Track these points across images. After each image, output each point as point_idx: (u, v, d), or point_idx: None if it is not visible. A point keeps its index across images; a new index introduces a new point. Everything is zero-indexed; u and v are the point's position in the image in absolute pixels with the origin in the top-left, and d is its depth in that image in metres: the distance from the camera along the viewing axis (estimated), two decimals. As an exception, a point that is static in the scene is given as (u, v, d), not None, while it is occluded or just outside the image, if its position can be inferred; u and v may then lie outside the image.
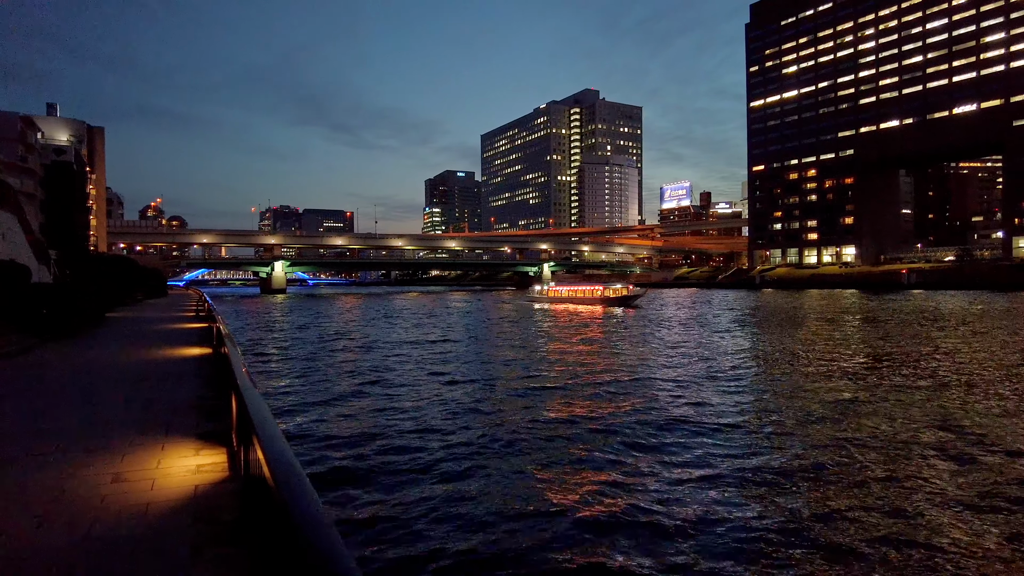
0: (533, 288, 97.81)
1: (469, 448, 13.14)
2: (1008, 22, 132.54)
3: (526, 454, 12.71)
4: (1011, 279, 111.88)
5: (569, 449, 13.01)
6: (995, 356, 26.81)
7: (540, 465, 11.97)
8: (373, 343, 35.13)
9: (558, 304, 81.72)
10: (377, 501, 10.05)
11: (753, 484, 10.89)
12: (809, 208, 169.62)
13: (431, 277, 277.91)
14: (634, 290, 79.52)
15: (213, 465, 5.61)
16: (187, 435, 6.67)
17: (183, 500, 4.65)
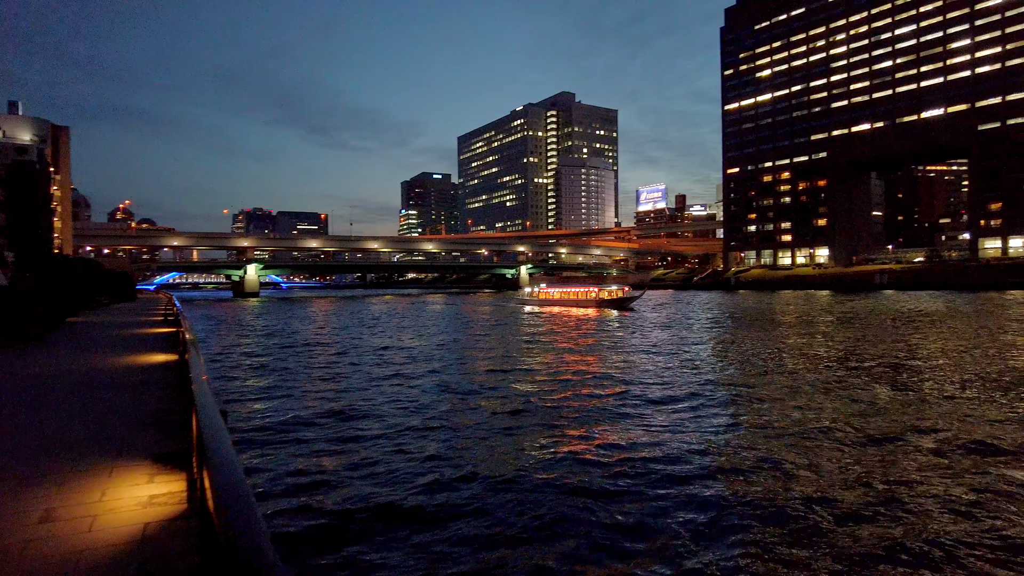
0: (523, 290, 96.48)
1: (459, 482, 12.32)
2: (973, 29, 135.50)
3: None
4: (978, 279, 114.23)
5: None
6: (965, 353, 26.79)
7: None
8: (353, 350, 34.11)
9: (549, 307, 79.63)
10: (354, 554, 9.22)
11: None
12: (783, 210, 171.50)
13: (407, 280, 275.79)
14: (629, 292, 77.60)
15: (169, 496, 4.74)
16: (141, 457, 5.77)
17: (128, 545, 3.79)
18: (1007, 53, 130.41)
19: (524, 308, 77.42)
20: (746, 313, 60.17)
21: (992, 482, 10.75)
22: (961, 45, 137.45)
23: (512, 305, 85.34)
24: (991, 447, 12.77)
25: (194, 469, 5.01)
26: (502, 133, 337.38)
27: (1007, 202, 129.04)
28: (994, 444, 12.96)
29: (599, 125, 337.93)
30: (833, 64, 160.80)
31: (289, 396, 19.17)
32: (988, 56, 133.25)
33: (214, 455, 3.00)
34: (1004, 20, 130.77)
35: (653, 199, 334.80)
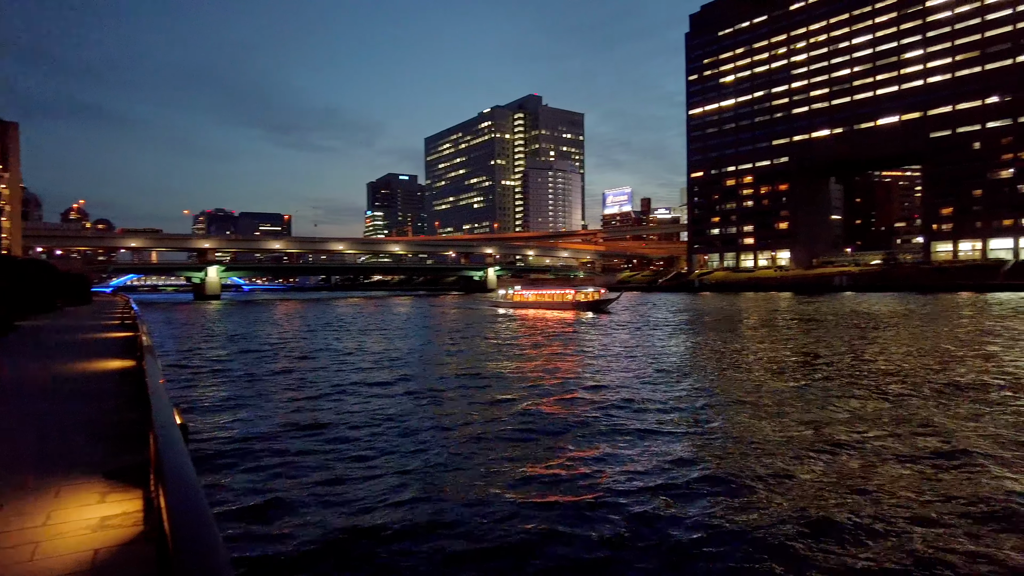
0: (496, 293, 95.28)
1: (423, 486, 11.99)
2: (925, 40, 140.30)
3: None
4: (931, 281, 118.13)
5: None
6: (919, 351, 27.50)
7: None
8: (319, 355, 33.39)
9: (523, 309, 78.45)
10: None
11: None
12: (745, 214, 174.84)
13: (373, 282, 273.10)
14: (605, 294, 76.23)
15: (123, 517, 4.33)
16: (93, 474, 5.32)
17: (76, 574, 3.42)
18: (957, 64, 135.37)
19: (498, 311, 75.80)
20: (712, 315, 60.93)
21: (946, 474, 10.91)
22: (914, 55, 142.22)
23: (484, 308, 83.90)
24: (944, 442, 12.99)
25: (151, 487, 4.65)
26: (469, 135, 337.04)
27: (957, 208, 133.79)
28: (943, 439, 13.19)
29: (566, 128, 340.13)
30: (794, 71, 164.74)
31: (251, 406, 18.49)
32: (939, 66, 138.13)
33: (170, 472, 2.80)
34: (954, 32, 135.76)
35: (619, 202, 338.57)
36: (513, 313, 70.45)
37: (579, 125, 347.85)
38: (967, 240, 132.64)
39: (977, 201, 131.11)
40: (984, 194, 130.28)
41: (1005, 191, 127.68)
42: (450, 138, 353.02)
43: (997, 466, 11.66)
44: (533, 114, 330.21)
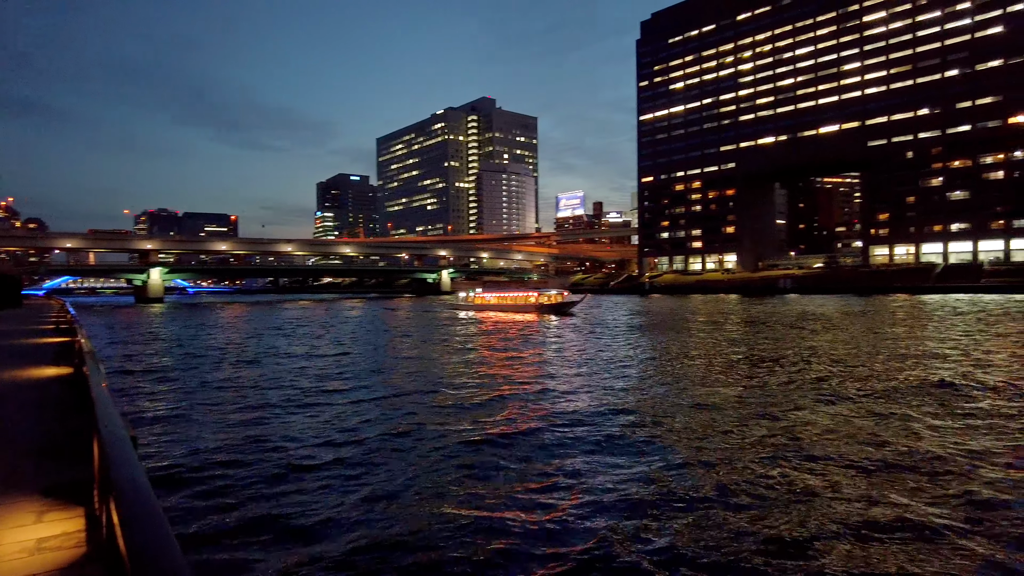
0: (457, 295, 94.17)
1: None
2: (863, 53, 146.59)
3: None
4: (869, 284, 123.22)
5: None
6: (857, 349, 28.59)
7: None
8: (268, 360, 32.47)
9: (486, 312, 77.76)
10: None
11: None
12: (694, 218, 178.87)
13: (323, 284, 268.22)
14: (569, 296, 75.57)
15: (64, 537, 4.00)
16: (27, 491, 4.91)
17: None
18: (891, 77, 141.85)
19: (459, 314, 74.65)
20: (663, 317, 61.93)
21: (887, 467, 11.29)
22: (853, 67, 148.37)
23: (444, 311, 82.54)
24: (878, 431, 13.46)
25: (95, 503, 4.31)
26: (423, 136, 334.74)
27: (893, 214, 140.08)
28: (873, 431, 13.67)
29: (519, 131, 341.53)
30: (741, 80, 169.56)
31: (197, 417, 17.64)
32: (875, 79, 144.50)
33: (126, 487, 2.56)
34: (888, 47, 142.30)
35: (572, 206, 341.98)
36: (475, 316, 69.55)
37: (532, 128, 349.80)
38: (902, 244, 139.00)
39: (911, 207, 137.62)
40: (917, 201, 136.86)
41: (935, 199, 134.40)
42: (403, 139, 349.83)
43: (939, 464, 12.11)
44: (486, 117, 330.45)
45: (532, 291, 78.14)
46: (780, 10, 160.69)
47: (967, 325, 43.55)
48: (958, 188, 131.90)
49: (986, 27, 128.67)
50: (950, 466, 11.81)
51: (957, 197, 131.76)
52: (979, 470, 11.56)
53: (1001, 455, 12.50)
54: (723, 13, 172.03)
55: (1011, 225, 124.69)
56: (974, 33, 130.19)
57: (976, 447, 13.06)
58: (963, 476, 11.24)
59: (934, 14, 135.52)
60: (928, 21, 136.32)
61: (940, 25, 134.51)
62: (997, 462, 12.03)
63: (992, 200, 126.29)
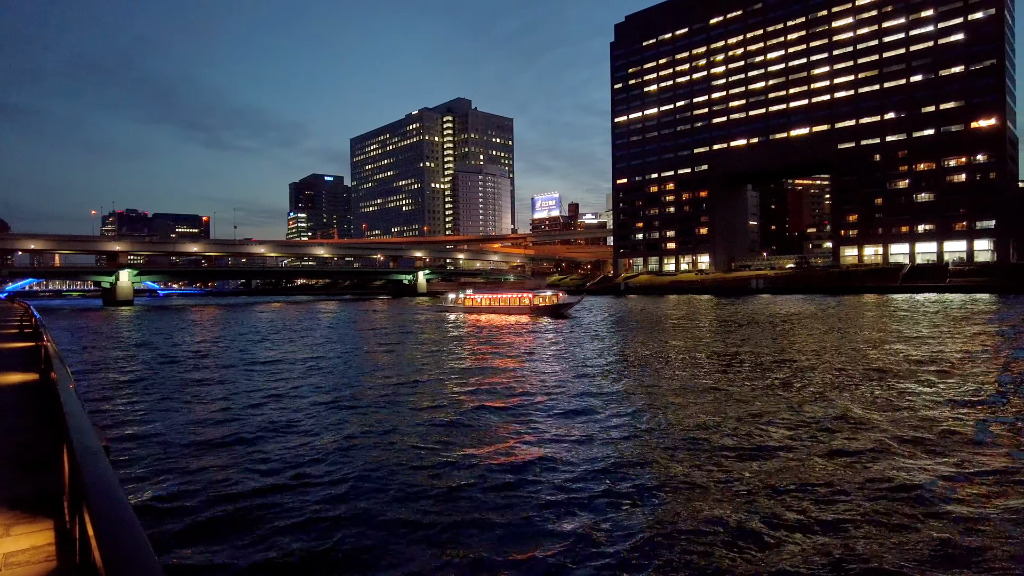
0: (447, 296, 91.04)
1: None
2: (831, 58, 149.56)
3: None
4: (839, 284, 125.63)
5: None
6: (826, 347, 29.14)
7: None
8: (242, 365, 31.92)
9: (476, 314, 74.69)
10: None
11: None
12: (668, 219, 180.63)
13: (296, 286, 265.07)
14: (564, 298, 72.75)
15: (32, 551, 3.81)
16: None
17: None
18: (859, 81, 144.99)
19: (448, 316, 71.86)
20: (640, 317, 62.29)
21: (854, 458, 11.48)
22: (822, 72, 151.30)
23: (431, 313, 79.95)
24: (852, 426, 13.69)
25: (66, 516, 4.14)
26: (397, 136, 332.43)
27: (861, 215, 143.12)
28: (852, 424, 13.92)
29: (495, 133, 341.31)
30: (713, 83, 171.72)
31: (169, 424, 17.28)
32: (844, 83, 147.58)
33: (100, 497, 2.44)
34: (856, 52, 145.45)
35: (548, 207, 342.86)
36: (465, 319, 66.92)
37: (508, 130, 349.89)
38: (871, 245, 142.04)
39: (879, 209, 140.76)
40: (884, 203, 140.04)
41: (902, 200, 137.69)
42: (377, 139, 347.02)
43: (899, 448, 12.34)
44: (462, 117, 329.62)
45: (527, 292, 75.42)
46: (751, 15, 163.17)
47: (935, 324, 44.57)
48: (923, 190, 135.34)
49: (948, 34, 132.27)
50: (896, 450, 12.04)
51: (923, 199, 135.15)
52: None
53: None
54: (696, 17, 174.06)
55: (973, 226, 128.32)
56: (937, 40, 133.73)
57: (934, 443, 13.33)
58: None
59: (899, 21, 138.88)
60: (893, 28, 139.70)
61: (905, 32, 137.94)
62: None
63: (955, 202, 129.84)
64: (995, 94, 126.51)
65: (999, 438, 13.87)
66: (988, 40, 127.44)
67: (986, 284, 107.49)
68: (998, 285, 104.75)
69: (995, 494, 10.38)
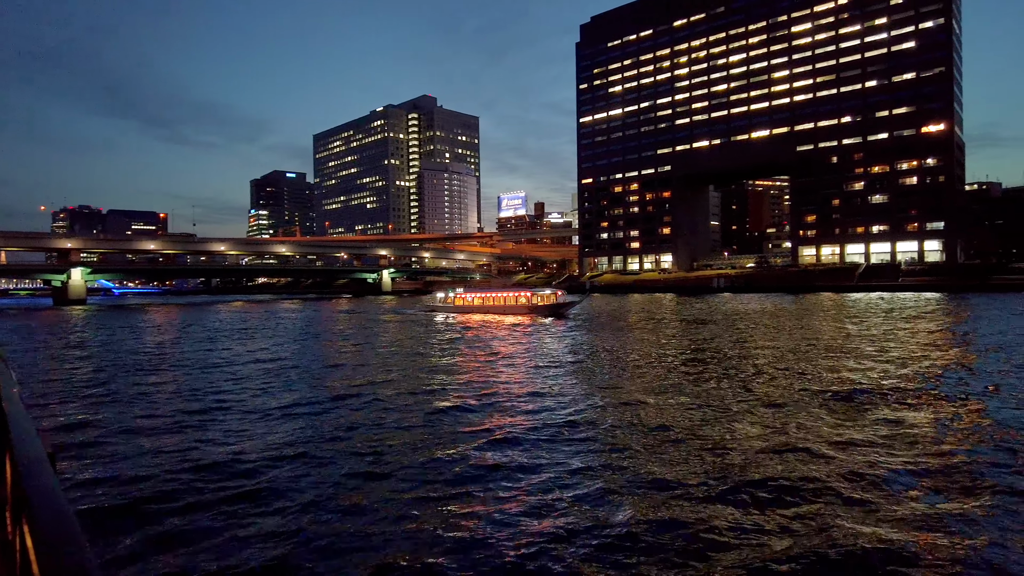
0: (435, 295, 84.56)
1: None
2: (791, 62, 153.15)
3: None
4: (798, 283, 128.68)
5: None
6: (784, 344, 29.82)
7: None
8: (202, 368, 31.09)
9: (467, 314, 70.45)
10: None
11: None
12: (632, 219, 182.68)
13: (258, 285, 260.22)
14: (563, 297, 68.74)
15: (-40, 574, 3.55)
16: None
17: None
18: (817, 85, 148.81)
19: (435, 316, 68.08)
20: (605, 317, 62.69)
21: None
22: (782, 75, 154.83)
23: (415, 312, 76.55)
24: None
25: (8, 527, 3.87)
26: (361, 133, 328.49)
27: (819, 216, 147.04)
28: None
29: (461, 131, 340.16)
30: (677, 84, 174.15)
31: (119, 429, 16.63)
32: (803, 87, 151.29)
33: (42, 508, 2.32)
34: (814, 56, 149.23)
35: (514, 206, 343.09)
36: (454, 319, 63.22)
37: (474, 128, 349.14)
38: (828, 245, 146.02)
39: (836, 210, 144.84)
40: (841, 204, 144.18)
41: (858, 202, 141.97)
42: (341, 135, 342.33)
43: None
44: (428, 115, 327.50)
45: (525, 291, 71.87)
46: (714, 18, 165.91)
47: (886, 322, 45.94)
48: (878, 192, 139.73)
49: (900, 42, 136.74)
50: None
51: (877, 201, 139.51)
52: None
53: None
54: (660, 19, 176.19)
55: (924, 228, 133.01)
56: (890, 47, 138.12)
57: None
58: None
59: (855, 27, 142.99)
60: (849, 34, 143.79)
61: (860, 38, 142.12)
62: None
63: (907, 204, 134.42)
64: (944, 101, 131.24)
65: (948, 435, 14.30)
66: (937, 48, 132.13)
67: (935, 283, 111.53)
68: (946, 284, 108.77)
69: (943, 489, 10.68)
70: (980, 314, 52.85)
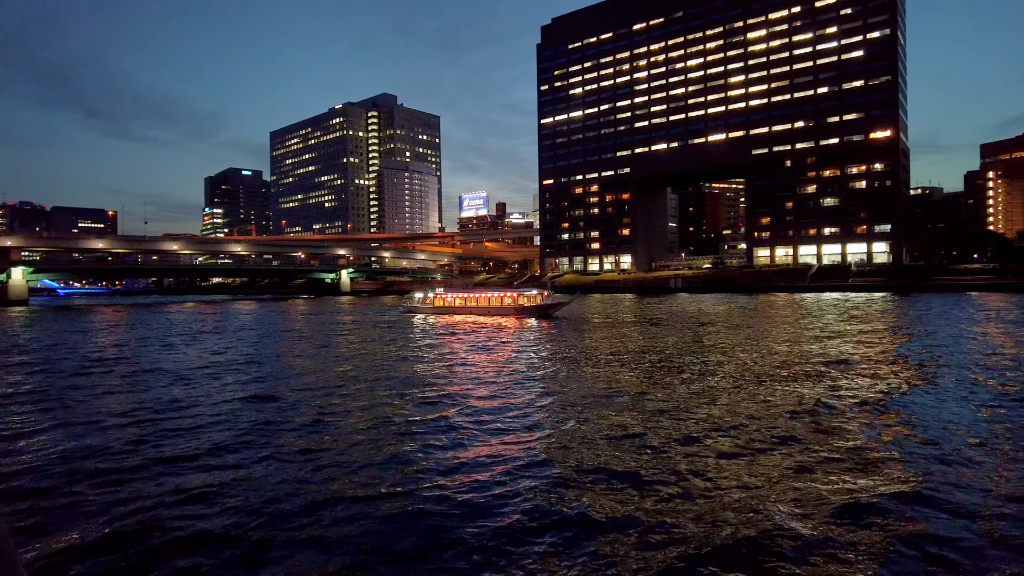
0: (413, 295, 79.25)
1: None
2: (747, 67, 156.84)
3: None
4: (753, 283, 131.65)
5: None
6: (737, 342, 30.45)
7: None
8: (154, 373, 29.99)
9: (448, 316, 66.81)
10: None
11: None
12: (592, 220, 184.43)
13: (212, 285, 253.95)
14: (549, 296, 66.30)
15: None
16: None
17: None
18: (772, 91, 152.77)
19: (414, 318, 64.52)
20: (566, 316, 62.96)
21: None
22: (738, 80, 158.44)
23: (392, 313, 73.24)
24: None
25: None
26: (320, 131, 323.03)
27: (774, 217, 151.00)
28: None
29: (422, 129, 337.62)
30: (636, 87, 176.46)
31: (58, 440, 15.89)
32: (758, 92, 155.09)
33: None
34: (769, 63, 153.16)
35: (475, 206, 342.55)
36: (434, 321, 60.03)
37: (435, 127, 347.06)
38: (782, 246, 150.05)
39: (789, 212, 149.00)
40: (795, 206, 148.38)
41: (810, 204, 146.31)
42: (299, 133, 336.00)
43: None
44: (388, 113, 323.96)
45: (511, 290, 68.99)
46: (672, 23, 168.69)
47: (834, 321, 47.31)
48: (829, 195, 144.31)
49: (849, 50, 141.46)
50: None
51: (829, 203, 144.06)
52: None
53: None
54: (620, 22, 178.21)
55: (872, 230, 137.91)
56: (840, 55, 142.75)
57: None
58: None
59: (807, 35, 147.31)
60: (802, 42, 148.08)
61: (812, 46, 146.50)
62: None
63: (857, 207, 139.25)
64: (890, 108, 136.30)
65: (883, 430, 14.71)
66: (884, 57, 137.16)
67: (883, 284, 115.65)
68: (893, 285, 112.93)
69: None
70: (923, 312, 54.84)
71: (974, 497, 10.38)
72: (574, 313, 66.71)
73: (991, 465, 12.11)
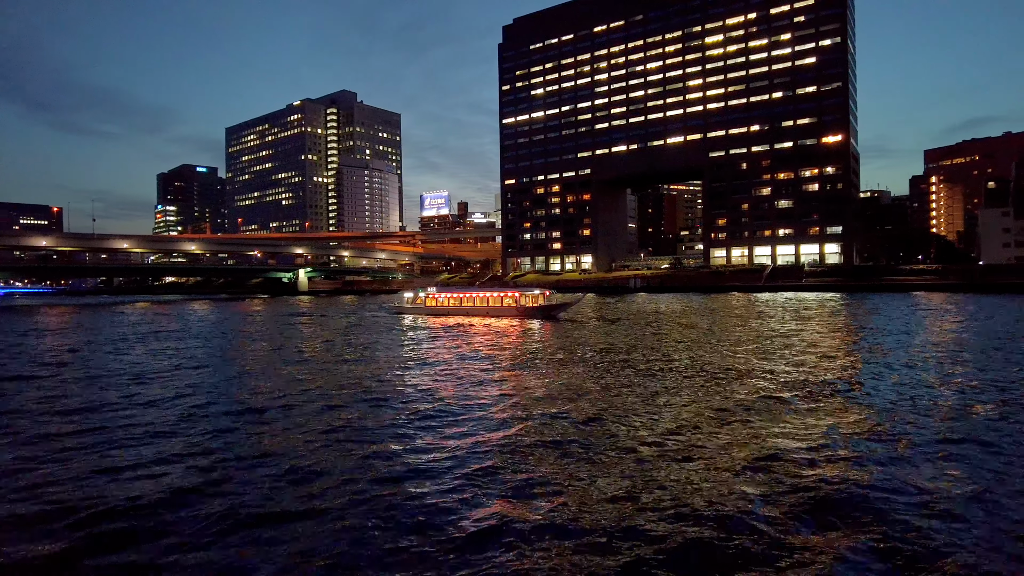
0: (402, 295, 75.90)
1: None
2: (704, 71, 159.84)
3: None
4: (710, 283, 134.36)
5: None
6: (691, 338, 31.00)
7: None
8: (103, 378, 28.85)
9: (443, 317, 63.42)
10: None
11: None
12: (553, 220, 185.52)
13: (165, 284, 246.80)
14: (551, 297, 63.18)
15: None
16: None
17: None
18: (729, 95, 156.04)
19: (404, 319, 60.89)
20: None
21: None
22: (695, 84, 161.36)
23: (381, 314, 69.70)
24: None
25: None
26: (277, 127, 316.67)
27: (730, 219, 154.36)
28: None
29: (382, 127, 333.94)
30: (597, 89, 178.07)
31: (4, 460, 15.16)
32: (715, 95, 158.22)
33: None
34: (726, 67, 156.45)
35: (437, 205, 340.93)
36: (426, 322, 56.65)
37: (396, 125, 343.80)
38: (738, 247, 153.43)
39: (745, 214, 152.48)
40: (750, 208, 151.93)
41: (765, 206, 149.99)
42: (256, 129, 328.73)
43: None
44: (347, 110, 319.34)
45: (511, 290, 65.70)
46: (632, 25, 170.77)
47: (787, 320, 48.56)
48: (784, 197, 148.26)
49: (803, 57, 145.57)
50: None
51: (783, 206, 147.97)
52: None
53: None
54: (581, 24, 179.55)
55: (824, 231, 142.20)
56: (794, 61, 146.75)
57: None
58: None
59: (762, 41, 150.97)
60: (757, 47, 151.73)
61: (767, 52, 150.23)
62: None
63: (810, 209, 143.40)
64: (841, 113, 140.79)
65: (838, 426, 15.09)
66: (835, 64, 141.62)
67: (835, 284, 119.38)
68: (844, 285, 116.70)
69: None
70: (873, 311, 56.72)
71: (924, 483, 10.68)
72: (582, 314, 63.51)
73: (932, 453, 12.52)
